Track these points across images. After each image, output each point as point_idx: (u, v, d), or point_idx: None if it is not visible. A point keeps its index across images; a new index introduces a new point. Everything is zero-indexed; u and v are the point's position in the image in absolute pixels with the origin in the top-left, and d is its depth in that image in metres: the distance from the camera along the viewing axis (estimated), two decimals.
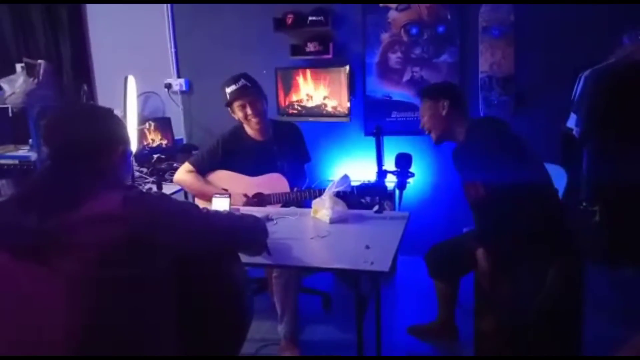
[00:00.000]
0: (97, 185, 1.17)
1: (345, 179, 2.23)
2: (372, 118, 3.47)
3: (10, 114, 3.60)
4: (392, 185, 2.43)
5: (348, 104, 3.46)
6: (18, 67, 3.75)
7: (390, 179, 2.28)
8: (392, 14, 3.33)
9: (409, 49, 3.35)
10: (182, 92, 3.86)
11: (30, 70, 3.70)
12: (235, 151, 2.62)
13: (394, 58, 3.39)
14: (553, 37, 3.10)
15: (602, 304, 2.49)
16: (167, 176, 3.09)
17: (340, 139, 3.60)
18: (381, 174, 2.27)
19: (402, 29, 3.33)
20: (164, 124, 3.70)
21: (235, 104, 2.55)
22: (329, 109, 3.53)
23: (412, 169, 2.25)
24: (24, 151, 3.63)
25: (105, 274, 1.08)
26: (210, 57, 3.71)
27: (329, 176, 3.46)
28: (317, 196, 2.30)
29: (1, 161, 3.52)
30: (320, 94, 3.52)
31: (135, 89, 3.00)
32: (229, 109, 2.60)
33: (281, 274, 2.34)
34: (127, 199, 1.14)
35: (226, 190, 2.47)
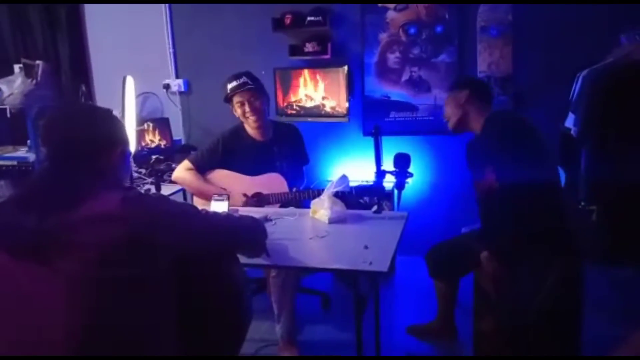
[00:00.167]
0: (96, 185, 1.17)
1: (344, 179, 2.23)
2: (370, 118, 3.47)
3: (8, 115, 3.60)
4: (391, 185, 2.43)
5: (346, 104, 3.46)
6: (16, 67, 3.75)
7: (389, 179, 2.29)
8: (391, 14, 3.33)
9: (407, 48, 3.35)
10: (181, 92, 3.86)
11: (28, 71, 3.69)
12: (235, 150, 2.62)
13: (393, 58, 3.39)
14: (551, 37, 3.10)
15: (601, 303, 2.49)
16: (165, 177, 3.07)
17: (338, 139, 3.60)
18: (380, 174, 2.27)
19: (401, 29, 3.33)
20: (163, 125, 3.70)
21: (234, 100, 2.56)
22: (328, 109, 3.53)
23: (411, 169, 2.25)
24: (22, 152, 3.63)
25: (105, 274, 1.08)
26: (209, 58, 3.71)
27: (327, 176, 3.45)
28: (316, 197, 2.30)
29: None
30: (319, 94, 3.52)
31: (133, 89, 3.00)
32: (230, 107, 2.61)
33: (278, 274, 2.34)
34: (126, 199, 1.14)
35: (225, 189, 2.47)
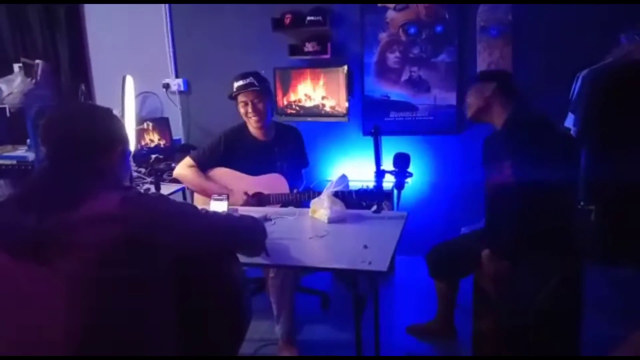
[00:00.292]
0: (96, 185, 1.17)
1: (344, 179, 2.23)
2: (370, 118, 3.47)
3: (7, 114, 3.60)
4: (390, 185, 2.43)
5: (346, 104, 3.46)
6: (15, 67, 3.75)
7: (389, 179, 2.28)
8: (391, 14, 3.33)
9: (407, 48, 3.35)
10: (180, 92, 3.85)
11: (27, 70, 3.69)
12: (236, 148, 2.62)
13: (392, 58, 3.39)
14: (551, 37, 3.11)
15: (600, 303, 2.49)
16: (165, 176, 3.07)
17: (338, 139, 3.60)
18: (379, 173, 2.26)
19: (401, 29, 3.33)
20: (162, 124, 3.70)
21: (238, 99, 2.58)
22: (327, 108, 3.53)
23: (411, 169, 2.25)
24: (21, 151, 3.62)
25: (105, 274, 1.08)
26: (209, 57, 3.71)
27: (327, 176, 3.45)
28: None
29: None
30: (319, 93, 3.52)
31: (133, 88, 2.99)
32: (235, 104, 2.62)
33: (277, 274, 2.34)
34: (126, 199, 1.14)
35: (226, 187, 2.47)
